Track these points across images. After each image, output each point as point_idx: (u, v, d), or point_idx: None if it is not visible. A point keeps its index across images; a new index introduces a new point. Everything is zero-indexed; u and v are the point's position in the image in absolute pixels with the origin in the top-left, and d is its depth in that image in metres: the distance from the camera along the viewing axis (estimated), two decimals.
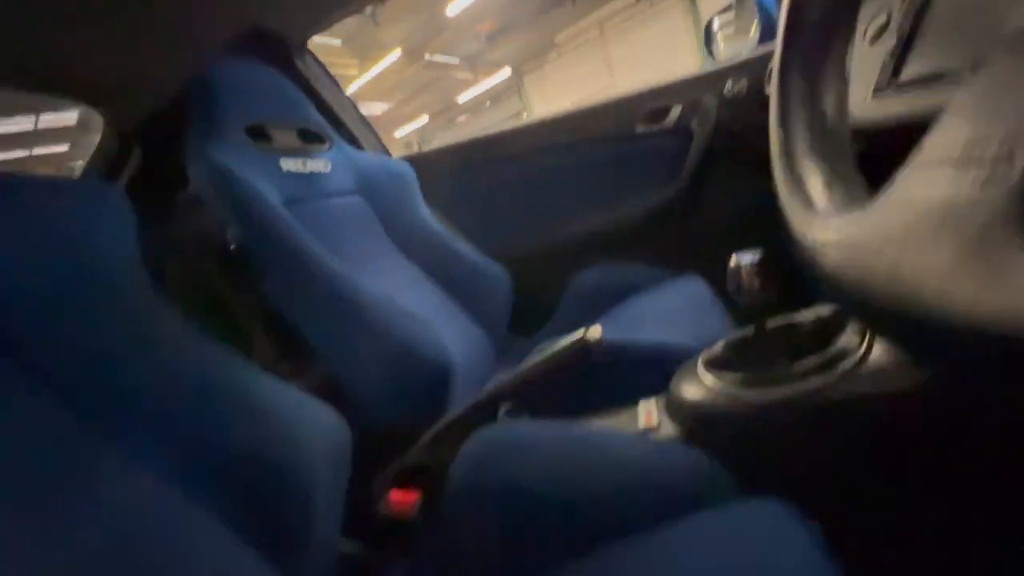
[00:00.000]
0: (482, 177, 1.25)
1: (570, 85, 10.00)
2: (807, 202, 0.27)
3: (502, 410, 0.56)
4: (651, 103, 1.09)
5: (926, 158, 0.16)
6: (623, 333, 0.67)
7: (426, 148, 1.37)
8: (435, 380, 0.70)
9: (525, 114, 11.30)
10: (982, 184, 0.14)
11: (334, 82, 1.20)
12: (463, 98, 11.55)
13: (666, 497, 0.37)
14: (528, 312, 1.15)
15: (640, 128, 1.09)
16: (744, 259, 0.43)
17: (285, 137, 0.92)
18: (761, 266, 0.43)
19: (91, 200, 0.49)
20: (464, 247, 1.10)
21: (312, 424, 0.48)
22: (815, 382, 0.38)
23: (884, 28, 0.46)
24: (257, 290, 0.78)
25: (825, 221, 0.24)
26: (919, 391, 0.33)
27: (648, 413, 0.52)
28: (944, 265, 0.14)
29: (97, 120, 1.18)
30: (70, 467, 0.36)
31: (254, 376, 0.49)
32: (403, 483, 0.56)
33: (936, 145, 0.16)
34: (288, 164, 0.88)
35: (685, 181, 1.07)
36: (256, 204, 0.72)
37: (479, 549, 0.42)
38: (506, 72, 10.58)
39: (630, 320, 0.73)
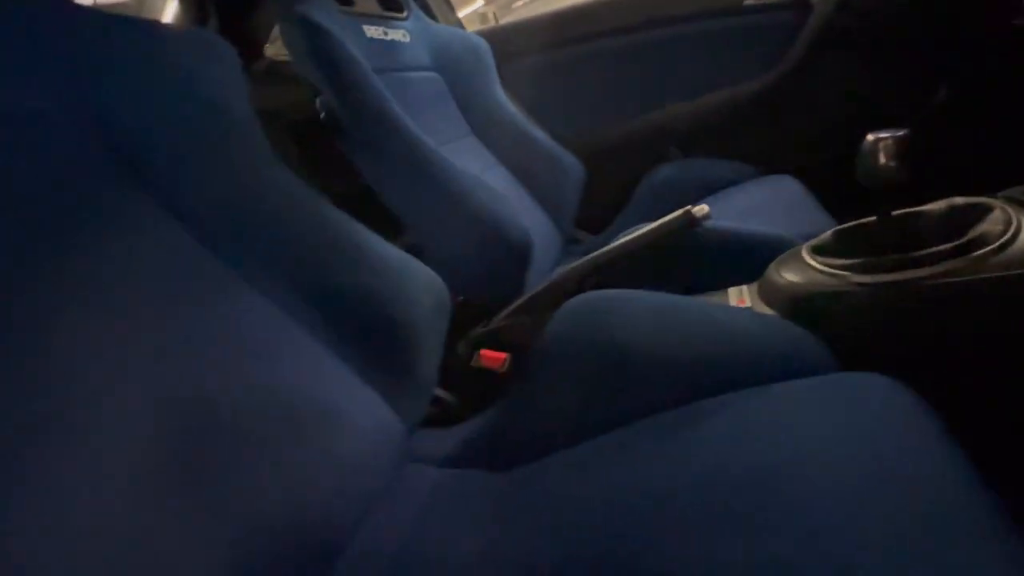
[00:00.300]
0: (564, 57, 1.17)
1: None
2: None
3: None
4: None
5: None
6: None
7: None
8: (517, 257, 0.72)
9: None
10: None
11: None
12: None
13: (766, 363, 0.38)
14: (596, 208, 1.13)
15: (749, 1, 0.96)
16: (883, 134, 0.40)
17: (366, 1, 0.88)
18: (901, 143, 0.40)
19: (211, 48, 0.50)
20: (539, 134, 1.07)
21: (418, 281, 0.52)
22: (947, 264, 0.36)
23: None
24: (344, 160, 0.80)
25: None
26: None
27: (740, 297, 0.52)
28: None
29: None
30: (198, 295, 0.39)
31: (363, 231, 0.52)
32: (492, 345, 0.61)
33: None
34: (371, 31, 0.85)
35: (792, 64, 0.96)
36: (353, 70, 0.71)
37: (567, 398, 0.46)
38: None
39: (719, 212, 0.70)
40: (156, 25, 0.48)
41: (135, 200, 0.43)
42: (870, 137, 0.40)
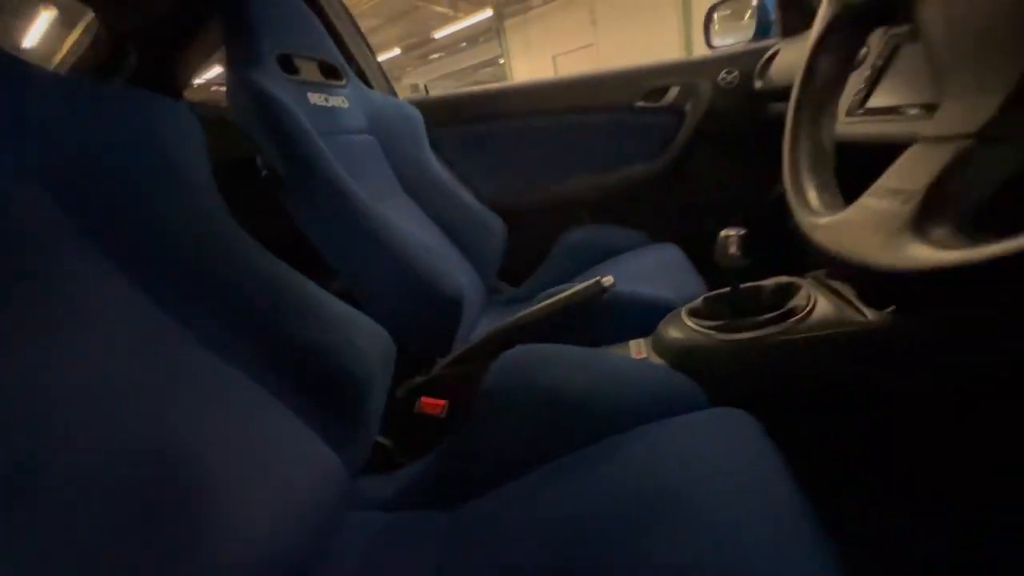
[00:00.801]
0: (484, 129, 1.31)
1: (551, 36, 9.75)
2: (805, 203, 0.40)
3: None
4: (652, 81, 1.18)
5: (877, 188, 0.29)
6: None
7: (398, 84, 1.40)
8: (451, 309, 0.80)
9: (503, 61, 10.94)
10: (900, 205, 0.26)
11: (350, 17, 1.20)
12: (440, 34, 10.98)
13: (660, 403, 0.50)
14: (516, 262, 1.26)
15: (639, 103, 1.19)
16: (731, 232, 0.56)
17: (308, 69, 0.95)
18: (743, 239, 0.56)
19: (163, 107, 0.52)
20: (465, 194, 1.18)
21: (365, 333, 0.57)
22: (773, 328, 0.52)
23: (862, 60, 0.58)
24: (272, 204, 0.82)
25: (815, 217, 0.37)
26: (854, 336, 0.48)
27: (639, 349, 0.65)
28: (878, 241, 0.27)
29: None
30: (151, 349, 0.42)
31: (309, 285, 0.57)
32: (431, 392, 0.67)
33: (883, 183, 0.29)
34: (314, 97, 0.91)
35: (673, 155, 1.19)
36: (298, 133, 0.76)
37: (502, 440, 0.54)
38: (487, 13, 10.10)
39: (618, 276, 0.85)
40: (105, 85, 0.50)
41: (89, 258, 0.45)
42: (721, 234, 0.55)
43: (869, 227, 0.31)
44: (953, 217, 0.28)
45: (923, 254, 0.27)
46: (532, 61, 10.31)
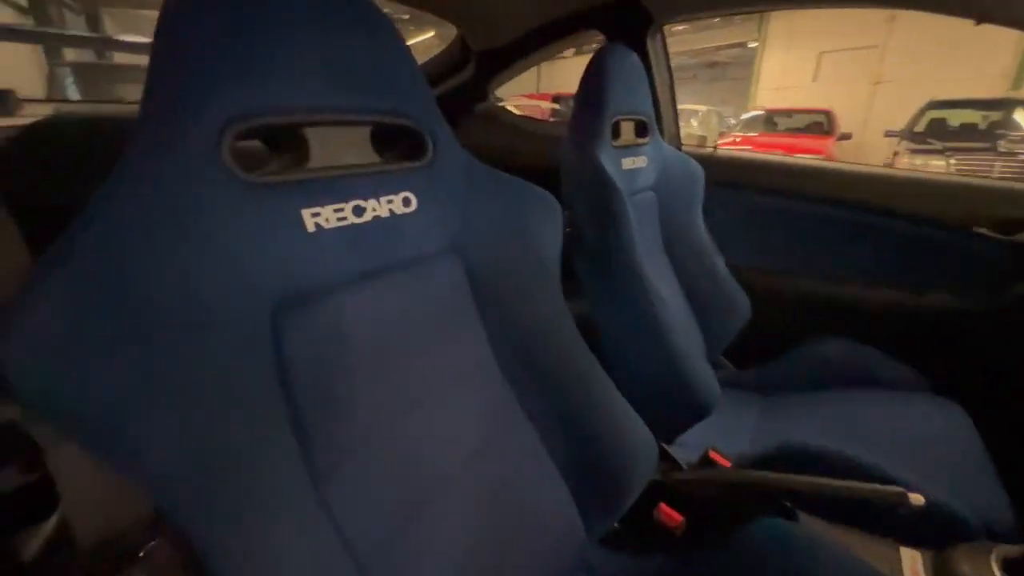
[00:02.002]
0: (763, 200, 1.24)
1: (824, 28, 8.29)
2: None
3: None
4: (1012, 211, 0.97)
5: None
6: (879, 459, 0.73)
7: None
8: (697, 413, 0.82)
9: (753, 44, 9.74)
10: None
11: (668, 65, 1.21)
12: None
13: None
14: (746, 340, 1.20)
15: (980, 229, 1.00)
16: None
17: (627, 130, 0.99)
18: None
19: (540, 200, 0.61)
20: (721, 264, 1.15)
21: (641, 438, 0.63)
22: None
23: None
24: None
25: None
26: None
27: (913, 567, 0.60)
28: None
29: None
30: (491, 404, 0.55)
31: (606, 379, 0.63)
32: (670, 498, 0.72)
33: None
34: (626, 162, 0.96)
35: (1012, 297, 0.98)
36: (622, 220, 0.82)
37: None
38: None
39: (886, 446, 0.76)
40: (495, 172, 0.58)
41: (472, 323, 0.57)
42: None
43: None
44: None
45: None
46: (789, 53, 8.99)
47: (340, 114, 0.43)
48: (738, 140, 6.42)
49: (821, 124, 6.64)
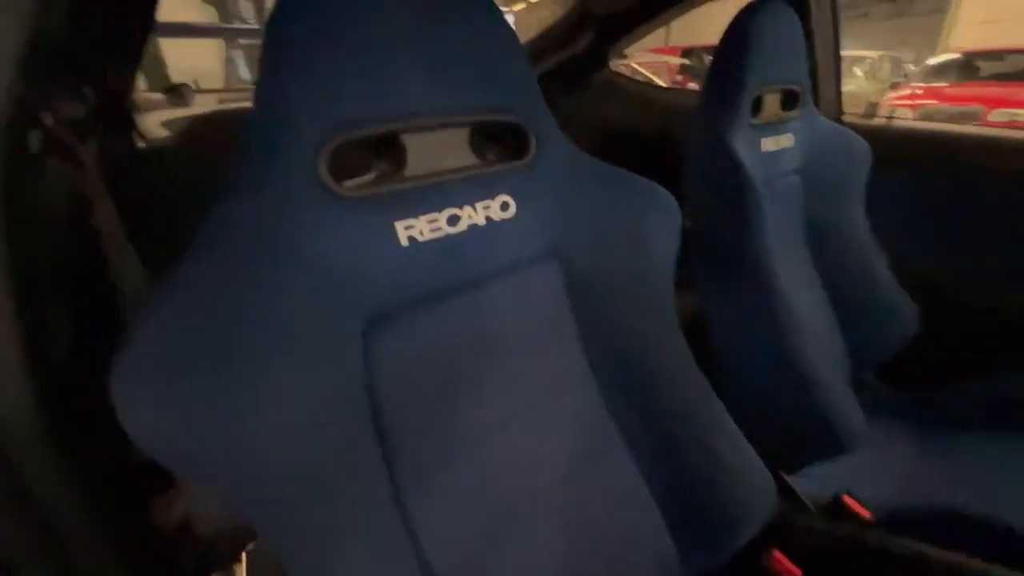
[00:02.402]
0: (944, 182, 0.98)
1: None
2: None
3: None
4: None
5: None
6: None
7: None
8: (833, 452, 0.70)
9: None
10: None
11: (835, 21, 0.98)
12: None
13: None
14: (912, 362, 0.98)
15: None
16: None
17: (771, 103, 0.83)
18: None
19: (658, 199, 0.54)
20: (882, 266, 0.94)
21: (756, 483, 0.55)
22: None
23: None
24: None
25: None
26: None
27: None
28: None
29: None
30: (584, 422, 0.51)
31: (719, 407, 0.55)
32: (785, 546, 0.63)
33: None
34: (766, 143, 0.82)
35: None
36: (752, 212, 0.70)
37: None
38: None
39: None
40: (603, 166, 0.52)
41: (570, 334, 0.53)
42: None
43: None
44: None
45: None
46: None
47: (441, 116, 0.40)
48: (919, 92, 5.22)
49: None
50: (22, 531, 0.30)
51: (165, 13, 0.79)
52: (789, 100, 0.86)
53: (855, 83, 6.00)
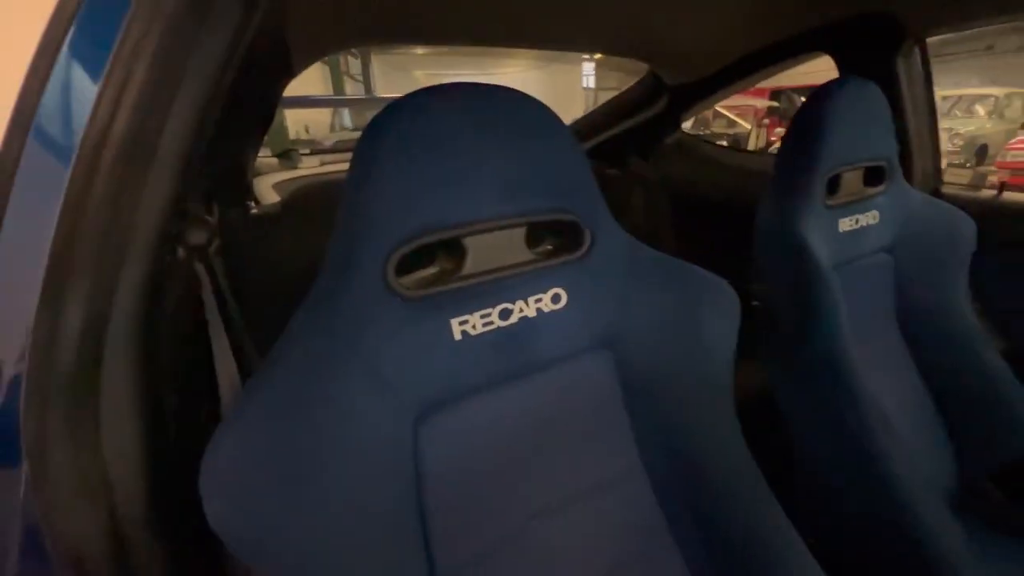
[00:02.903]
0: None
1: None
2: None
3: None
4: None
5: None
6: None
7: None
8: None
9: None
10: None
11: (928, 81, 0.92)
12: None
13: None
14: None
15: None
16: None
17: (851, 182, 0.79)
18: None
19: (719, 293, 0.52)
20: (995, 358, 0.82)
21: None
22: None
23: None
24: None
25: None
26: None
27: None
28: None
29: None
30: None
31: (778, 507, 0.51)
32: None
33: None
34: (845, 223, 0.77)
35: None
36: (823, 299, 0.67)
37: None
38: None
39: None
40: (663, 257, 0.52)
41: (618, 427, 0.52)
42: None
43: None
44: None
45: None
46: None
47: (500, 220, 0.43)
48: None
49: None
50: None
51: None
52: (873, 176, 0.81)
53: (976, 123, 5.41)
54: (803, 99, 0.77)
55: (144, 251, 0.30)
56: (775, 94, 6.57)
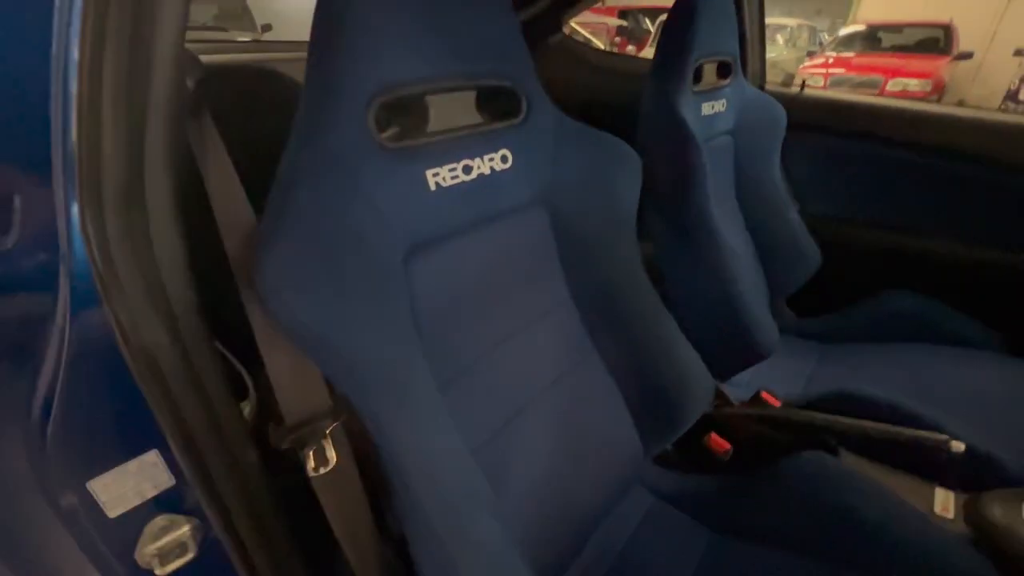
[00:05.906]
0: (844, 145, 1.19)
1: None
2: None
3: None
4: None
5: None
6: (931, 412, 0.75)
7: None
8: (756, 356, 0.88)
9: None
10: None
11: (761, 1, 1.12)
12: None
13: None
14: (810, 289, 1.20)
15: None
16: None
17: (709, 73, 0.97)
18: None
19: (620, 152, 0.64)
20: (793, 213, 1.13)
21: (698, 375, 0.69)
22: None
23: None
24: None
25: None
26: None
27: (945, 505, 0.66)
28: None
29: None
30: (564, 338, 0.64)
31: (672, 324, 0.68)
32: (720, 430, 0.81)
33: None
34: (705, 107, 0.95)
35: None
36: (693, 156, 0.83)
37: (778, 522, 0.65)
38: None
39: (943, 400, 0.78)
40: (579, 126, 0.63)
41: (554, 268, 0.65)
42: None
43: None
44: None
45: None
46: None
47: (454, 80, 0.50)
48: (830, 61, 5.69)
49: (937, 41, 5.71)
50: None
51: None
52: (723, 70, 1.00)
53: (776, 50, 6.38)
54: (647, 19, 0.89)
55: (166, 69, 0.30)
56: (623, 13, 6.89)
